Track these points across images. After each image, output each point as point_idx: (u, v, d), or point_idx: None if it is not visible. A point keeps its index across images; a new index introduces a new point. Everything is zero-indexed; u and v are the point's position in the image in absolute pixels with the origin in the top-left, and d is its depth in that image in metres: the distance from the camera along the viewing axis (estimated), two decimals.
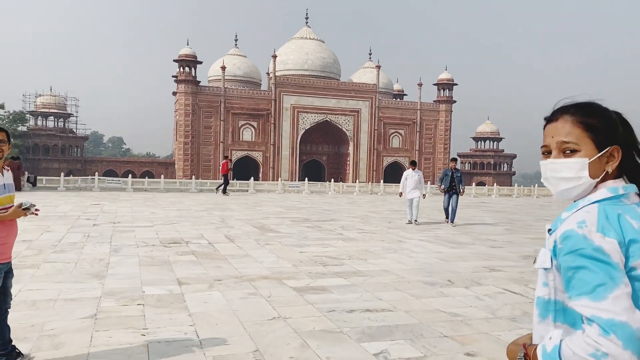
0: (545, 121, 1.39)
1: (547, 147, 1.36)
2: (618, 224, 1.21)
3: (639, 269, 1.19)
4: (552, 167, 1.33)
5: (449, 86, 67.73)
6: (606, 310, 1.12)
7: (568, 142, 1.30)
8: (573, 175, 1.29)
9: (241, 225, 11.85)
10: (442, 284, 6.47)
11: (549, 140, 1.34)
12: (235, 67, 66.56)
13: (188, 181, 28.55)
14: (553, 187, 1.36)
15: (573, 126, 1.30)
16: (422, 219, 14.40)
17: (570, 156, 1.30)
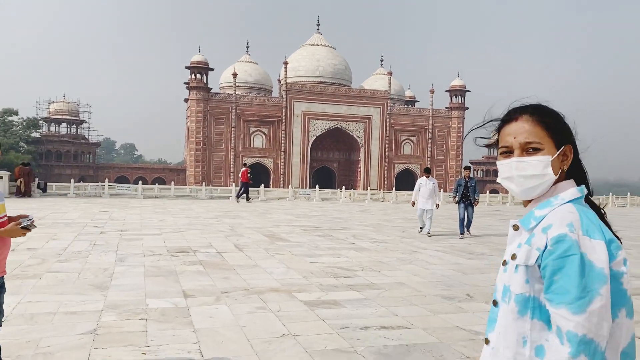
0: (502, 122, 1.40)
1: (508, 147, 1.37)
2: (599, 223, 1.26)
3: (615, 267, 1.22)
4: (518, 166, 1.33)
5: (461, 92, 67.15)
6: (582, 325, 1.15)
7: (531, 142, 1.32)
8: (539, 172, 1.31)
9: (251, 234, 11.59)
10: (461, 298, 6.14)
11: (511, 140, 1.35)
12: (246, 74, 66.62)
13: (198, 188, 28.37)
14: (517, 186, 1.36)
15: (534, 126, 1.33)
16: (435, 228, 14.03)
17: (534, 154, 1.31)
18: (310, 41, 70.33)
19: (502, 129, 1.40)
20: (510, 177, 1.36)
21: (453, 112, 66.98)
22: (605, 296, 1.17)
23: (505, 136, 1.38)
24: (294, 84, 62.14)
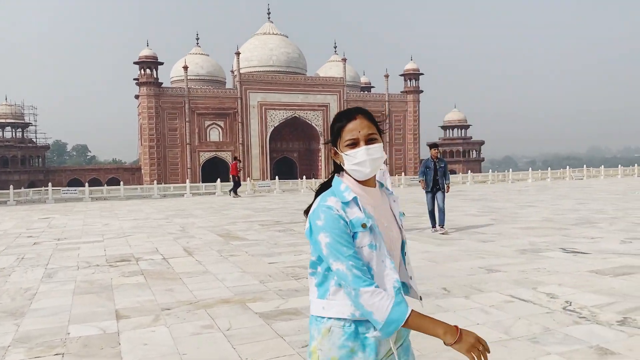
0: (344, 120, 1.72)
1: (355, 139, 1.69)
2: None
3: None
4: (371, 152, 1.68)
5: (415, 76, 67.34)
6: None
7: (371, 133, 1.71)
8: (381, 155, 1.71)
9: (203, 234, 10.65)
10: (438, 293, 5.43)
11: (357, 133, 1.69)
12: (198, 67, 64.84)
13: (150, 187, 26.97)
14: (369, 168, 1.69)
15: (370, 122, 1.72)
16: None
17: (375, 143, 1.71)
18: (262, 30, 69.02)
19: (344, 127, 1.71)
20: (364, 162, 1.67)
21: (408, 96, 67.13)
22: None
23: (350, 131, 1.70)
24: (248, 74, 60.80)
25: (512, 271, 6.41)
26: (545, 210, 13.75)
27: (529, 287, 5.60)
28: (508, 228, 10.39)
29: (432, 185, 10.19)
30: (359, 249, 1.60)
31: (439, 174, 10.18)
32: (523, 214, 13.16)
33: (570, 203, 15.95)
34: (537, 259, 7.11)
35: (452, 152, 74.87)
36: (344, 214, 1.60)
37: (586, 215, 12.25)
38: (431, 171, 10.18)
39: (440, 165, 10.24)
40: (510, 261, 7.05)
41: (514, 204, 16.13)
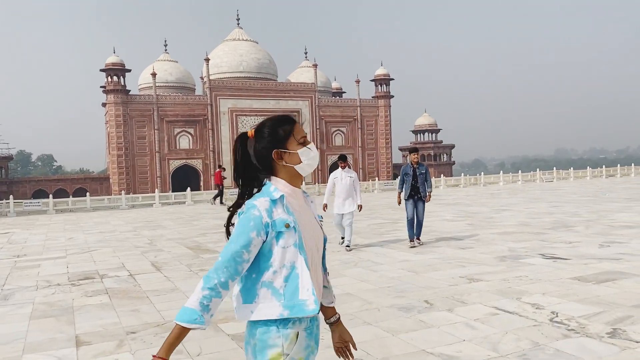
0: (290, 124, 1.86)
1: (305, 136, 1.88)
2: None
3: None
4: (314, 152, 1.89)
5: (385, 81, 67.72)
6: None
7: (305, 136, 1.89)
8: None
9: (172, 247, 10.22)
10: (420, 307, 5.19)
11: (304, 133, 1.88)
12: (166, 73, 63.81)
13: (117, 197, 26.18)
14: (317, 162, 1.90)
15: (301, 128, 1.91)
16: (374, 220, 13.14)
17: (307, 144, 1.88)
18: (231, 36, 68.36)
19: (294, 129, 1.87)
20: (315, 155, 1.89)
21: (380, 101, 67.42)
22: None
23: (299, 131, 1.87)
24: (218, 80, 60.09)
25: (494, 280, 6.22)
26: (520, 214, 13.74)
27: (512, 297, 5.41)
28: (486, 234, 10.26)
29: (411, 193, 9.15)
30: (285, 249, 1.72)
31: (419, 181, 9.12)
32: (499, 218, 13.10)
33: (544, 206, 16.01)
34: (518, 267, 6.96)
35: (423, 155, 75.61)
36: (266, 215, 1.72)
37: (562, 219, 12.24)
38: (410, 177, 9.16)
39: (420, 172, 9.16)
40: (491, 269, 6.87)
41: (488, 208, 16.10)
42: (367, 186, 32.69)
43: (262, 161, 1.83)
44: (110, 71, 55.96)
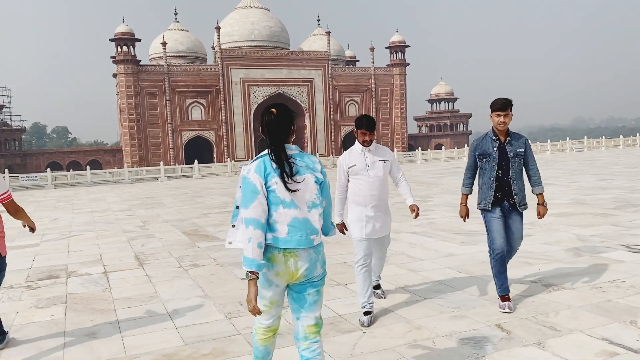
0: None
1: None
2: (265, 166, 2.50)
3: (272, 186, 2.45)
4: None
5: (401, 49, 65.16)
6: (249, 212, 2.42)
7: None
8: None
9: (166, 232, 8.70)
10: (493, 338, 3.57)
11: None
12: (177, 43, 61.90)
13: (120, 170, 24.78)
14: None
15: None
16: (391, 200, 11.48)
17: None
18: (242, 3, 66.09)
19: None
20: None
21: (394, 69, 65.06)
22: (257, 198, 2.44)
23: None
24: (229, 50, 58.17)
25: (582, 287, 4.59)
26: (569, 190, 11.97)
27: (622, 319, 3.77)
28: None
29: (497, 196, 4.43)
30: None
31: (511, 170, 4.40)
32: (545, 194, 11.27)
33: (590, 179, 14.19)
34: (602, 265, 5.30)
35: (439, 125, 73.57)
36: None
37: (622, 196, 10.47)
38: (494, 162, 4.35)
39: (515, 151, 4.38)
40: (569, 268, 5.22)
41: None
42: None
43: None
44: (120, 41, 54.40)
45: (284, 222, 2.45)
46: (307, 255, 2.50)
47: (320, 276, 2.58)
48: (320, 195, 2.57)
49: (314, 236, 2.51)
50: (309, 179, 2.53)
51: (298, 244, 2.46)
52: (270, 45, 61.87)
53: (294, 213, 2.47)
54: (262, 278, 2.48)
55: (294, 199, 2.48)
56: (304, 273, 2.49)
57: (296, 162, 2.55)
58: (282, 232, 2.45)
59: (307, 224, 2.50)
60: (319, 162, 2.66)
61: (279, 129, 2.58)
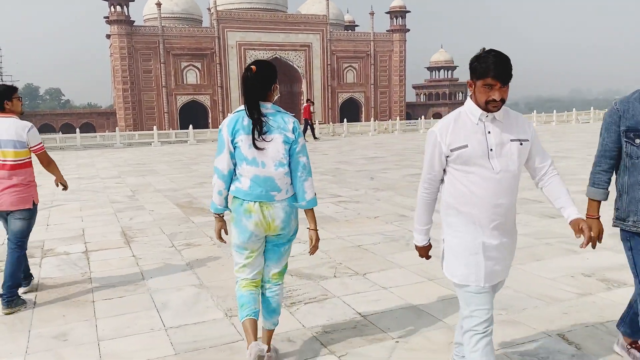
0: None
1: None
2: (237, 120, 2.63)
3: (238, 143, 2.59)
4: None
5: (402, 14, 63.66)
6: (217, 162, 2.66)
7: None
8: None
9: (158, 203, 7.93)
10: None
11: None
12: (172, 3, 60.17)
13: (112, 134, 23.83)
14: None
15: None
16: (402, 173, 10.66)
17: None
18: None
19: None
20: None
21: (394, 35, 63.73)
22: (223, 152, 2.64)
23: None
24: (226, 11, 56.56)
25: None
26: (590, 164, 11.26)
27: None
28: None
29: None
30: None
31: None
32: (568, 168, 10.51)
33: None
34: None
35: (437, 94, 72.55)
36: None
37: None
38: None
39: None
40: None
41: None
42: (386, 126, 30.10)
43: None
44: (113, 0, 52.63)
45: (247, 177, 2.60)
46: (281, 207, 2.64)
47: (294, 231, 2.77)
48: (286, 155, 2.61)
49: (275, 192, 2.62)
50: (277, 138, 2.58)
51: (257, 197, 2.61)
52: (267, 7, 60.32)
53: (255, 170, 2.58)
54: (242, 230, 2.65)
55: (257, 157, 2.58)
56: (280, 225, 2.66)
57: (269, 121, 2.58)
58: (244, 185, 2.62)
59: (269, 181, 2.60)
60: (293, 122, 2.67)
61: (255, 86, 2.59)
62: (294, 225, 2.74)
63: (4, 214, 3.82)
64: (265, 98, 2.61)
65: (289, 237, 2.76)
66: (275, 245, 2.75)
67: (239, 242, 2.68)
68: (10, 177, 3.75)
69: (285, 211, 2.64)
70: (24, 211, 3.83)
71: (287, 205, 2.65)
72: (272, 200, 2.60)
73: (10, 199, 3.75)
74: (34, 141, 3.88)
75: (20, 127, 3.80)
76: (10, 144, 3.74)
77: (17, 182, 3.78)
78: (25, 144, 3.81)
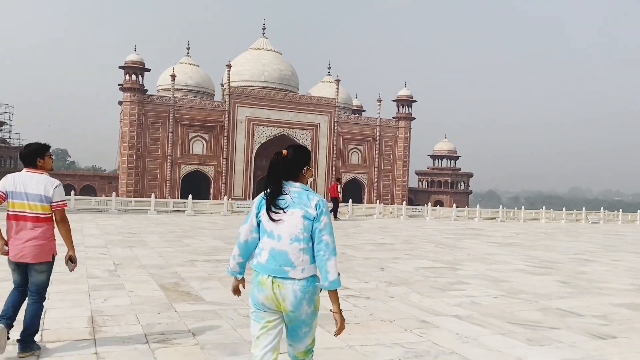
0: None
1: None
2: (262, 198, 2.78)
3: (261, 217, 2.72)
4: None
5: (408, 103, 65.59)
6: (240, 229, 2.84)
7: None
8: None
9: (139, 282, 6.95)
10: None
11: None
12: (186, 77, 61.90)
13: (108, 199, 23.04)
14: None
15: None
16: (415, 265, 9.75)
17: None
18: (255, 45, 66.88)
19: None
20: None
21: (400, 122, 65.45)
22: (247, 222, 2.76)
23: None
24: (238, 88, 58.05)
25: None
26: (619, 271, 10.21)
27: None
28: (609, 306, 6.72)
29: None
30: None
31: None
32: (594, 274, 9.46)
33: (635, 259, 12.52)
34: None
35: (440, 182, 73.00)
36: None
37: None
38: None
39: None
40: None
41: (562, 255, 12.45)
42: (392, 210, 29.34)
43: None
44: (129, 69, 54.56)
45: (266, 249, 2.67)
46: (291, 289, 2.59)
47: (309, 315, 2.66)
48: (304, 230, 2.62)
49: (288, 268, 2.61)
50: (296, 212, 2.64)
51: (271, 272, 2.62)
52: (279, 87, 62.05)
53: (272, 243, 2.65)
54: (255, 298, 2.68)
55: (274, 230, 2.65)
56: (290, 307, 2.61)
57: (293, 197, 2.67)
58: (263, 258, 2.67)
59: (283, 255, 2.61)
60: (317, 200, 2.69)
61: (279, 165, 2.76)
62: (307, 310, 2.64)
63: (23, 265, 3.98)
64: (294, 179, 2.75)
65: (304, 321, 2.66)
66: (294, 325, 2.68)
67: (254, 306, 2.69)
68: (34, 230, 3.93)
69: (296, 295, 2.59)
70: (44, 264, 4.02)
71: (299, 290, 2.59)
72: (285, 277, 2.59)
73: (32, 252, 3.92)
74: (58, 197, 4.04)
75: (49, 183, 4.01)
76: (38, 198, 3.94)
77: (39, 235, 3.94)
78: (50, 199, 3.98)
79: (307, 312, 2.63)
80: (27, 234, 3.91)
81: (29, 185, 3.95)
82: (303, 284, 2.59)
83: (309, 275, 2.61)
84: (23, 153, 4.10)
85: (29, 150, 4.07)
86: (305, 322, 2.66)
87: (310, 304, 2.62)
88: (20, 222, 3.93)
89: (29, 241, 3.90)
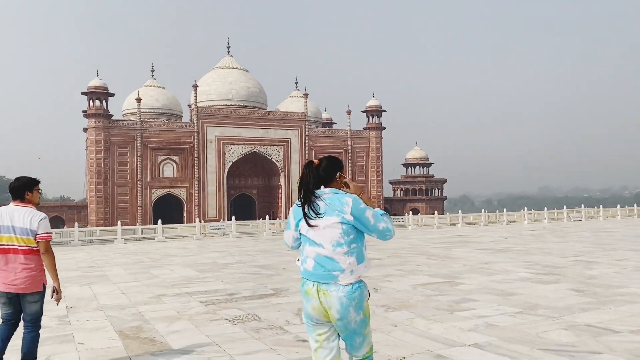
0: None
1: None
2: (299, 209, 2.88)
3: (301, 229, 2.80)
4: None
5: (377, 113, 65.49)
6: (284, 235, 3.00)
7: None
8: None
9: (93, 330, 5.81)
10: None
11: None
12: (152, 99, 60.44)
13: (70, 230, 21.54)
14: None
15: None
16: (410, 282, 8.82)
17: None
18: (221, 64, 66.07)
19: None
20: None
21: (371, 133, 65.26)
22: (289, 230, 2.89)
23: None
24: (206, 107, 56.93)
25: None
26: (628, 271, 9.47)
27: None
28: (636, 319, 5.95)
29: None
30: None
31: None
32: (607, 279, 8.61)
33: (636, 257, 11.82)
34: None
35: (414, 189, 72.88)
36: None
37: None
38: None
39: None
40: None
41: (562, 258, 11.64)
42: None
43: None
44: (93, 94, 52.65)
45: (311, 257, 2.70)
46: (337, 296, 2.58)
47: (359, 323, 2.63)
48: (344, 235, 2.65)
49: (337, 272, 2.61)
50: (333, 219, 2.68)
51: (319, 277, 2.64)
52: (247, 105, 61.13)
53: (317, 250, 2.68)
54: (305, 309, 2.72)
55: (315, 238, 2.69)
56: (336, 315, 2.59)
57: (326, 203, 2.72)
58: (309, 265, 2.70)
59: (330, 261, 2.63)
60: (351, 200, 2.72)
61: (308, 175, 2.84)
62: (356, 318, 2.62)
63: (13, 295, 4.00)
64: (327, 185, 2.85)
65: (354, 330, 2.65)
66: (346, 335, 2.68)
67: (305, 319, 2.75)
68: (24, 262, 3.99)
69: (342, 302, 2.59)
70: (36, 294, 4.06)
71: (344, 297, 2.59)
72: (335, 281, 2.61)
73: (24, 283, 3.98)
74: (43, 230, 4.04)
75: (35, 216, 4.03)
76: (25, 232, 3.99)
77: (28, 267, 3.99)
78: (35, 232, 4.00)
79: (356, 319, 2.61)
80: (18, 266, 3.97)
81: (16, 219, 4.00)
82: (348, 290, 2.60)
83: (355, 281, 2.63)
84: (13, 186, 4.19)
85: (19, 184, 4.14)
86: (356, 332, 2.65)
87: (358, 311, 2.62)
88: (9, 255, 3.97)
89: (20, 272, 3.96)
